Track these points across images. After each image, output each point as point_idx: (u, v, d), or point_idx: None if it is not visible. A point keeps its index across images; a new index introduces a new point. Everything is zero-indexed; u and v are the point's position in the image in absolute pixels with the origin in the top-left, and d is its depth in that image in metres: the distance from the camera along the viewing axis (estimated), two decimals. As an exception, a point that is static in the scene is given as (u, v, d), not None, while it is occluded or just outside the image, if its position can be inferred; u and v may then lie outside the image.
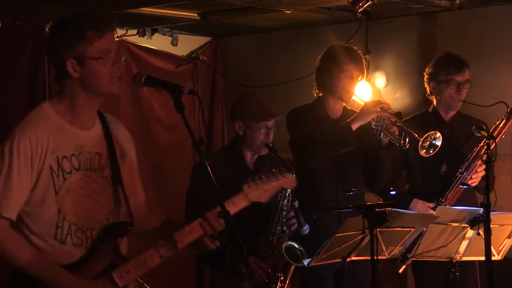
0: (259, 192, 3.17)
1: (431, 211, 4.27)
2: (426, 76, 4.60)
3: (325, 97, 4.43)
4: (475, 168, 4.30)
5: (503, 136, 4.30)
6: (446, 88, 4.49)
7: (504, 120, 4.29)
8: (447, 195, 4.32)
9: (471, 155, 4.32)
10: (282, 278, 3.98)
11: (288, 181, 3.31)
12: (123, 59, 2.94)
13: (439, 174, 4.49)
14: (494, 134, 4.23)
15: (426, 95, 4.66)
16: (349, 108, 4.49)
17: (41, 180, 2.87)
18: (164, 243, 2.98)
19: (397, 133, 4.20)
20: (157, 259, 2.98)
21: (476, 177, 4.33)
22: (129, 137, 3.17)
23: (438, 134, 4.12)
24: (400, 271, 4.26)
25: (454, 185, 4.32)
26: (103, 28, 2.87)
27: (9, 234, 2.85)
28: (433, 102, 4.61)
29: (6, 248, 2.85)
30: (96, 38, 2.86)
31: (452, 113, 4.56)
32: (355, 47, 4.48)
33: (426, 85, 4.61)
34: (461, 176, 4.32)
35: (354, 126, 4.23)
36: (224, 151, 4.46)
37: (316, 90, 4.47)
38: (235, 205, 3.09)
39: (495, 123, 4.30)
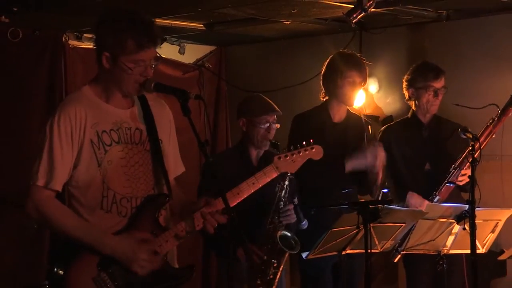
0: (288, 163, 3.22)
1: (426, 202, 4.27)
2: (405, 83, 4.62)
3: (330, 102, 4.42)
4: (466, 165, 4.29)
5: (493, 136, 4.29)
6: (425, 93, 4.50)
7: (495, 121, 4.28)
8: (441, 189, 4.31)
9: (464, 153, 4.30)
10: (275, 264, 3.98)
11: (316, 152, 3.32)
12: (153, 68, 2.95)
13: (423, 171, 4.50)
14: (485, 135, 4.22)
15: (405, 100, 4.66)
16: (352, 111, 4.50)
17: (83, 153, 2.90)
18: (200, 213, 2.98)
19: None
20: (190, 229, 2.98)
21: (465, 174, 4.31)
22: (169, 117, 3.18)
23: None
24: (396, 260, 4.25)
25: (448, 179, 4.30)
26: (144, 43, 2.87)
27: (55, 203, 2.91)
28: (412, 107, 4.62)
29: (53, 216, 2.88)
30: (135, 51, 2.86)
31: (429, 116, 4.57)
32: (358, 54, 4.48)
33: (405, 91, 4.62)
34: (454, 172, 4.31)
35: (348, 168, 4.22)
36: (232, 149, 4.49)
37: (323, 95, 4.46)
38: (265, 176, 3.16)
39: (487, 124, 4.29)
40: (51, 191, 2.89)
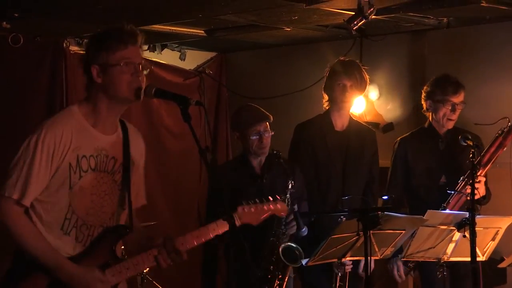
0: (250, 215, 3.19)
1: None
2: (423, 94, 4.54)
3: (331, 109, 4.42)
4: (477, 177, 4.23)
5: (505, 148, 4.22)
6: (442, 107, 4.45)
7: (504, 132, 4.20)
8: (449, 200, 4.27)
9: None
10: (280, 276, 3.97)
11: (280, 209, 3.32)
12: (145, 72, 2.95)
13: (439, 184, 4.46)
14: (495, 145, 4.17)
15: (422, 111, 4.60)
16: (355, 119, 4.48)
17: (58, 174, 2.88)
18: (157, 250, 2.99)
19: None
20: (149, 263, 2.99)
21: (479, 185, 4.26)
22: (143, 148, 3.17)
23: None
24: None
25: (455, 192, 4.25)
26: (127, 40, 2.91)
27: (22, 220, 2.87)
28: (428, 118, 4.58)
29: (17, 231, 2.86)
30: (119, 48, 2.89)
31: (446, 129, 4.52)
32: (352, 60, 4.47)
33: (423, 102, 4.55)
34: (462, 183, 4.25)
35: None
36: (233, 160, 4.49)
37: (326, 103, 4.45)
38: (225, 226, 3.08)
39: (496, 135, 4.23)
40: (21, 207, 2.87)
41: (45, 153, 2.85)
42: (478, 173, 4.19)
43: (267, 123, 4.12)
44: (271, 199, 3.28)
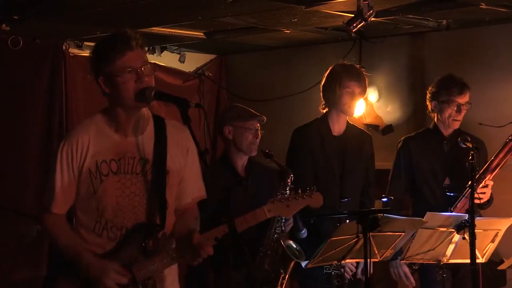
0: (281, 207, 3.13)
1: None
2: (428, 95, 4.52)
3: (330, 113, 4.36)
4: (484, 181, 4.22)
5: None
6: (447, 108, 4.42)
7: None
8: (456, 204, 4.26)
9: (481, 169, 4.23)
10: (283, 275, 3.98)
11: (315, 200, 3.19)
12: (149, 74, 2.95)
13: (442, 186, 4.46)
14: (505, 151, 4.15)
15: (428, 112, 4.59)
16: (352, 123, 4.47)
17: (82, 179, 3.00)
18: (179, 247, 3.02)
19: None
20: (174, 260, 3.02)
21: (486, 190, 4.25)
22: (187, 140, 3.07)
23: None
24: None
25: (464, 195, 4.24)
26: (123, 48, 2.91)
27: (54, 222, 3.05)
28: (434, 119, 4.56)
29: (50, 234, 3.06)
30: (117, 57, 2.90)
31: (451, 130, 4.50)
32: (357, 65, 4.46)
33: (428, 103, 4.53)
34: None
35: None
36: (217, 163, 4.37)
37: (322, 106, 4.43)
38: (255, 218, 3.10)
39: (506, 140, 4.22)
40: (53, 215, 3.04)
41: (64, 161, 2.99)
42: (487, 178, 4.19)
43: (259, 124, 4.14)
44: (303, 190, 3.16)
